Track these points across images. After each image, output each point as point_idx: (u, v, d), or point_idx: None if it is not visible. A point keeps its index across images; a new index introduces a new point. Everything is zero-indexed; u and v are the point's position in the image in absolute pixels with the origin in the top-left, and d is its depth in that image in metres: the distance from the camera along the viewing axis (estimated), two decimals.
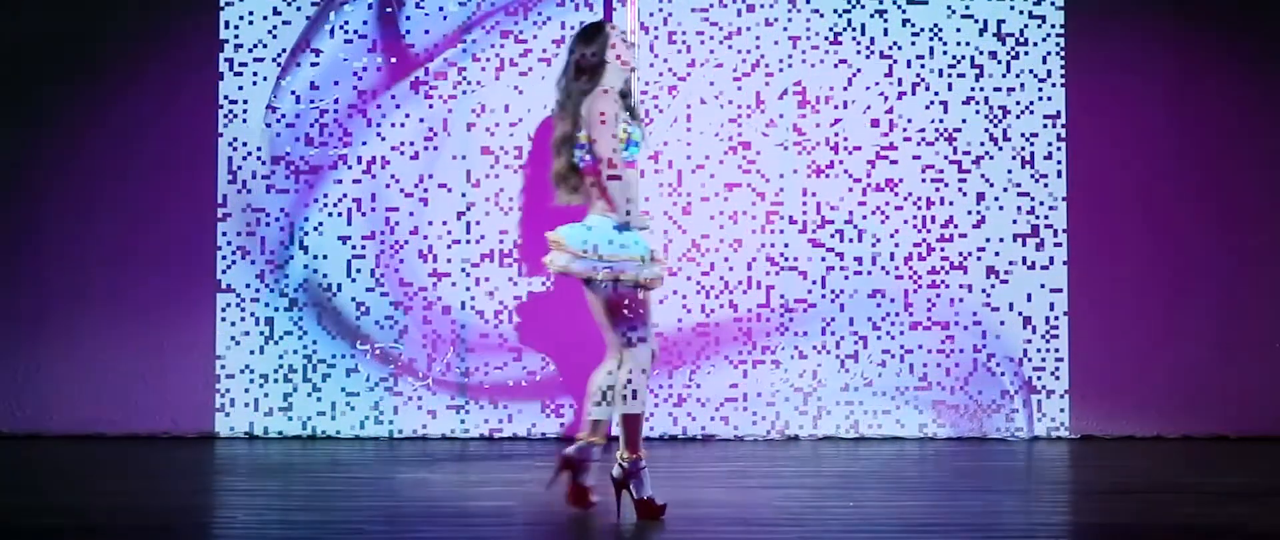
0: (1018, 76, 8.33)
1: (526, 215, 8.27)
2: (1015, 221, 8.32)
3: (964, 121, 8.32)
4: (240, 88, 8.38)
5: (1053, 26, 8.33)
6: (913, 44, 8.33)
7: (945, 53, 8.33)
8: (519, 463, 7.47)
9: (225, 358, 8.36)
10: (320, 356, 8.35)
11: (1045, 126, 8.33)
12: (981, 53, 8.34)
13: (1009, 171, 8.32)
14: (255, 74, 8.38)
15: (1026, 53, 8.34)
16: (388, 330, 8.34)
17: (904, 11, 8.32)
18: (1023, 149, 8.32)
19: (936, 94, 8.32)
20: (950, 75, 8.33)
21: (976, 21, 8.34)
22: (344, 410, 8.35)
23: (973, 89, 8.33)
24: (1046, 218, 8.32)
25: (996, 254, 8.32)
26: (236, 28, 8.38)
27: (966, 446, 8.11)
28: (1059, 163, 8.32)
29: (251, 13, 8.38)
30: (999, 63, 8.34)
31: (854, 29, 8.31)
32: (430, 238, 8.36)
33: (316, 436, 8.33)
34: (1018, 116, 8.33)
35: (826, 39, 8.30)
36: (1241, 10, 8.36)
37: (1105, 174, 8.34)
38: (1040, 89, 8.33)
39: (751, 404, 8.32)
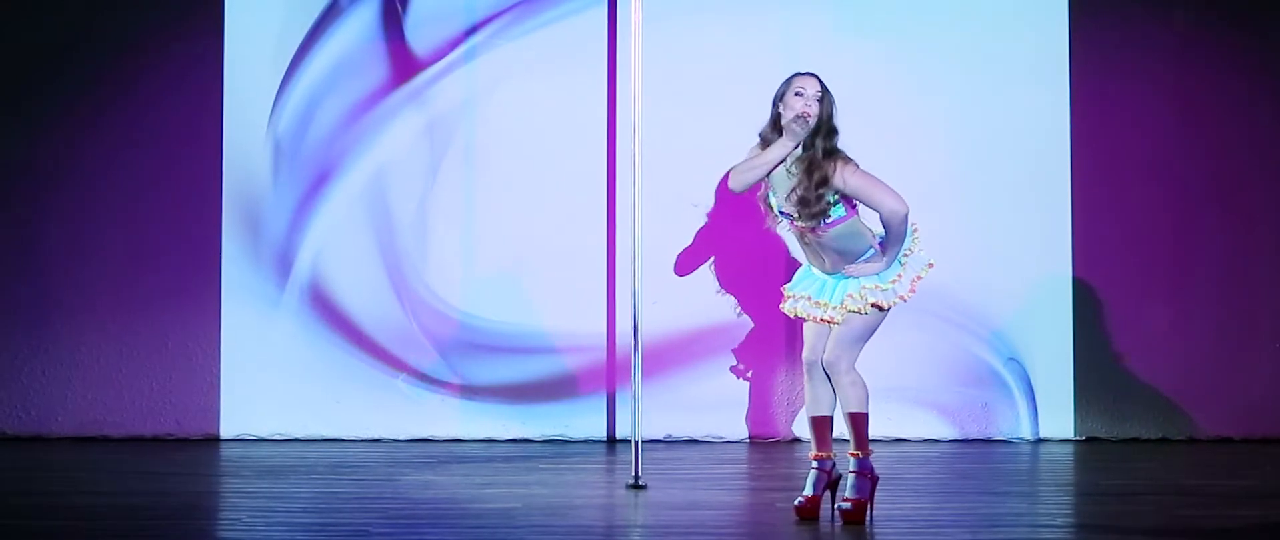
0: (1021, 76, 8.32)
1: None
2: (1019, 221, 8.31)
3: (966, 121, 8.32)
4: (245, 89, 8.37)
5: (1057, 26, 8.31)
6: (915, 43, 8.32)
7: (947, 51, 8.32)
8: (523, 465, 7.47)
9: (229, 360, 8.35)
10: (324, 358, 8.34)
11: (1049, 127, 8.32)
12: (984, 52, 8.33)
13: (1013, 169, 8.31)
14: (260, 75, 8.37)
15: (1030, 52, 8.33)
16: (390, 332, 8.33)
17: (906, 9, 8.32)
18: (1026, 149, 8.31)
19: (938, 93, 8.31)
20: (952, 74, 8.32)
21: (979, 20, 8.33)
22: (348, 412, 8.34)
23: (975, 88, 8.32)
24: (1051, 218, 8.31)
25: (1000, 253, 8.31)
26: (242, 28, 8.37)
27: (971, 448, 8.11)
28: (1063, 160, 8.31)
29: (257, 14, 8.38)
30: (1002, 62, 8.32)
31: (854, 27, 8.30)
32: (434, 239, 8.36)
33: (321, 438, 8.33)
34: (1021, 116, 8.32)
35: (827, 36, 8.30)
36: (1247, 10, 8.35)
37: (1110, 174, 8.34)
38: (1044, 88, 8.32)
39: (753, 405, 8.32)
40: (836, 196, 5.87)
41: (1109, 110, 8.35)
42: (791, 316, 6.07)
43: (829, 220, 5.86)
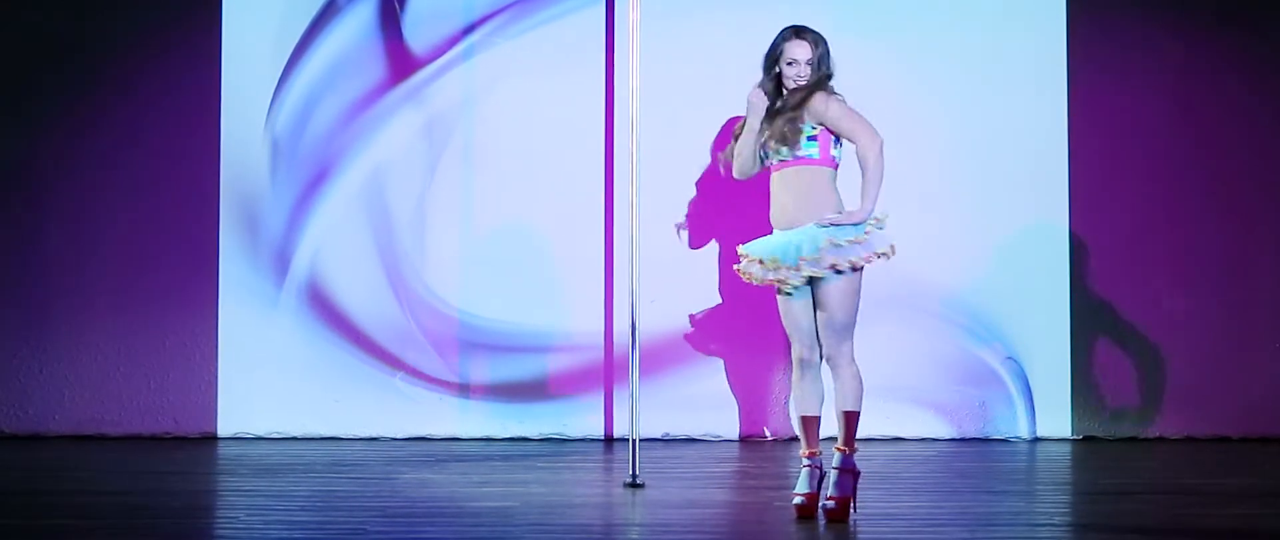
0: (1020, 76, 8.32)
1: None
2: (1018, 221, 8.31)
3: (966, 121, 8.31)
4: (243, 88, 8.37)
5: (1055, 27, 8.31)
6: (915, 43, 8.32)
7: (947, 51, 8.32)
8: (521, 463, 7.47)
9: (227, 358, 8.35)
10: (322, 357, 8.34)
11: (1049, 127, 8.31)
12: (983, 52, 8.33)
13: (1011, 169, 8.31)
14: (258, 74, 8.37)
15: (1029, 52, 8.33)
16: (388, 330, 8.33)
17: (906, 9, 8.32)
18: (1024, 147, 8.31)
19: (938, 93, 8.31)
20: (952, 74, 8.32)
21: (979, 21, 8.33)
22: (346, 410, 8.34)
23: (975, 88, 8.32)
24: (1049, 218, 8.31)
25: (998, 252, 8.30)
26: (239, 27, 8.37)
27: (968, 447, 8.10)
28: (1061, 161, 8.31)
29: (255, 12, 8.38)
30: (1001, 62, 8.32)
31: (854, 27, 8.29)
32: (432, 238, 8.36)
33: (318, 437, 8.33)
34: (1020, 114, 8.32)
35: (827, 36, 8.28)
36: (1246, 9, 8.35)
37: (1108, 172, 8.34)
38: (1043, 89, 8.32)
39: (753, 404, 8.32)
40: (815, 128, 5.84)
41: (1108, 110, 8.34)
42: (744, 279, 6.00)
43: (799, 153, 5.83)
